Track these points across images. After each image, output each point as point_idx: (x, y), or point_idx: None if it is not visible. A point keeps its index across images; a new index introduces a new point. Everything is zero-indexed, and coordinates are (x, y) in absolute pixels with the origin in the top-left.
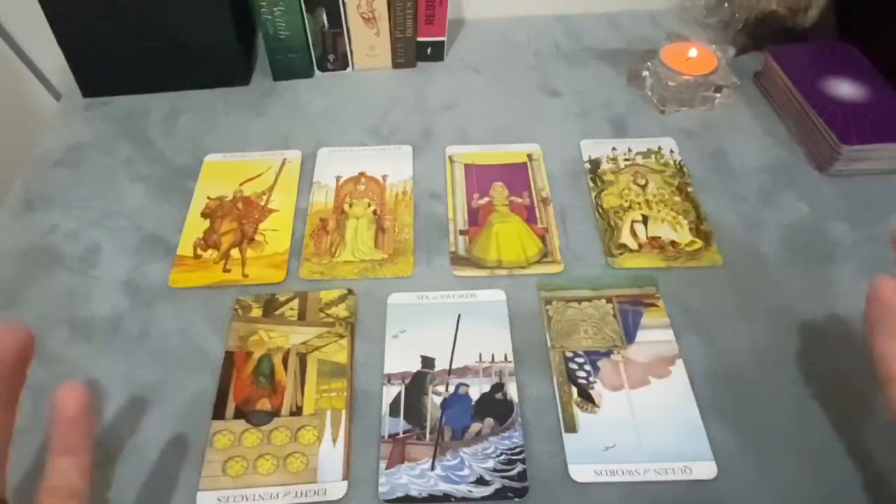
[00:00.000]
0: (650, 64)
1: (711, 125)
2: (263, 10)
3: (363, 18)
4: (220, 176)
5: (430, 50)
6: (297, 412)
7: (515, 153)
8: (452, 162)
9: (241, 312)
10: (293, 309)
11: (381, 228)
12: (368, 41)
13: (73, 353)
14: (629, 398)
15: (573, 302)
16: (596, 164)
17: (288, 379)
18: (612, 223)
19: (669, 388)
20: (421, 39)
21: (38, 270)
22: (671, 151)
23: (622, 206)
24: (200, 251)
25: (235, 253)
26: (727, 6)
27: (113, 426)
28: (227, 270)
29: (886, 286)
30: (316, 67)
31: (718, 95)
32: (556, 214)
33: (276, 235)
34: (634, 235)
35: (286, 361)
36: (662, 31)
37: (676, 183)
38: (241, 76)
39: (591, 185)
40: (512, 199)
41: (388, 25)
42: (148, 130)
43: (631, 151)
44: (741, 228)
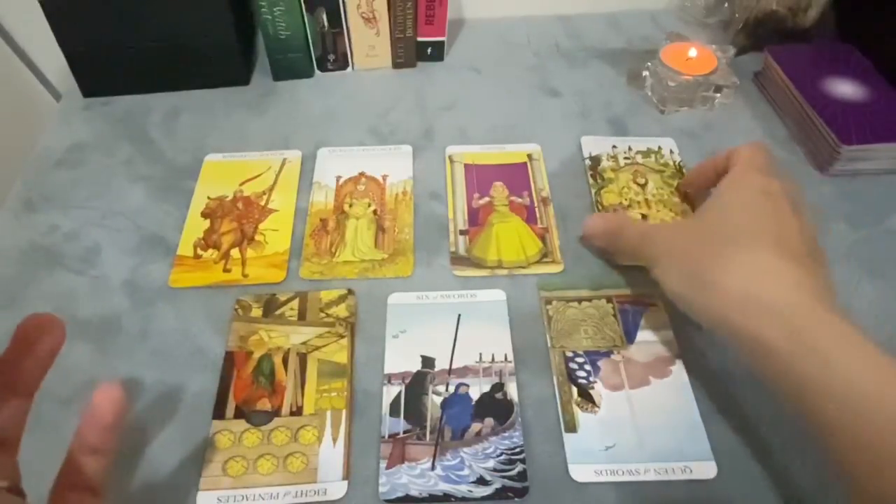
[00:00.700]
0: (650, 64)
1: (711, 125)
2: (263, 10)
3: (363, 18)
4: (220, 176)
5: (430, 50)
6: (297, 412)
7: (515, 153)
8: (452, 162)
9: (241, 312)
10: (293, 309)
11: (381, 228)
12: (368, 41)
13: (72, 353)
14: (629, 398)
15: (573, 302)
16: (596, 160)
17: (288, 379)
18: None
19: (669, 388)
20: (421, 39)
21: (38, 270)
22: (671, 152)
23: (622, 204)
24: (200, 251)
25: (235, 253)
26: (727, 6)
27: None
28: (227, 270)
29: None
30: (316, 67)
31: (718, 95)
32: (556, 214)
33: (276, 235)
34: None
35: (286, 361)
36: (662, 31)
37: (675, 183)
38: (241, 76)
39: (591, 181)
40: (512, 198)
41: (388, 25)
42: (148, 130)
43: (631, 150)
44: None
